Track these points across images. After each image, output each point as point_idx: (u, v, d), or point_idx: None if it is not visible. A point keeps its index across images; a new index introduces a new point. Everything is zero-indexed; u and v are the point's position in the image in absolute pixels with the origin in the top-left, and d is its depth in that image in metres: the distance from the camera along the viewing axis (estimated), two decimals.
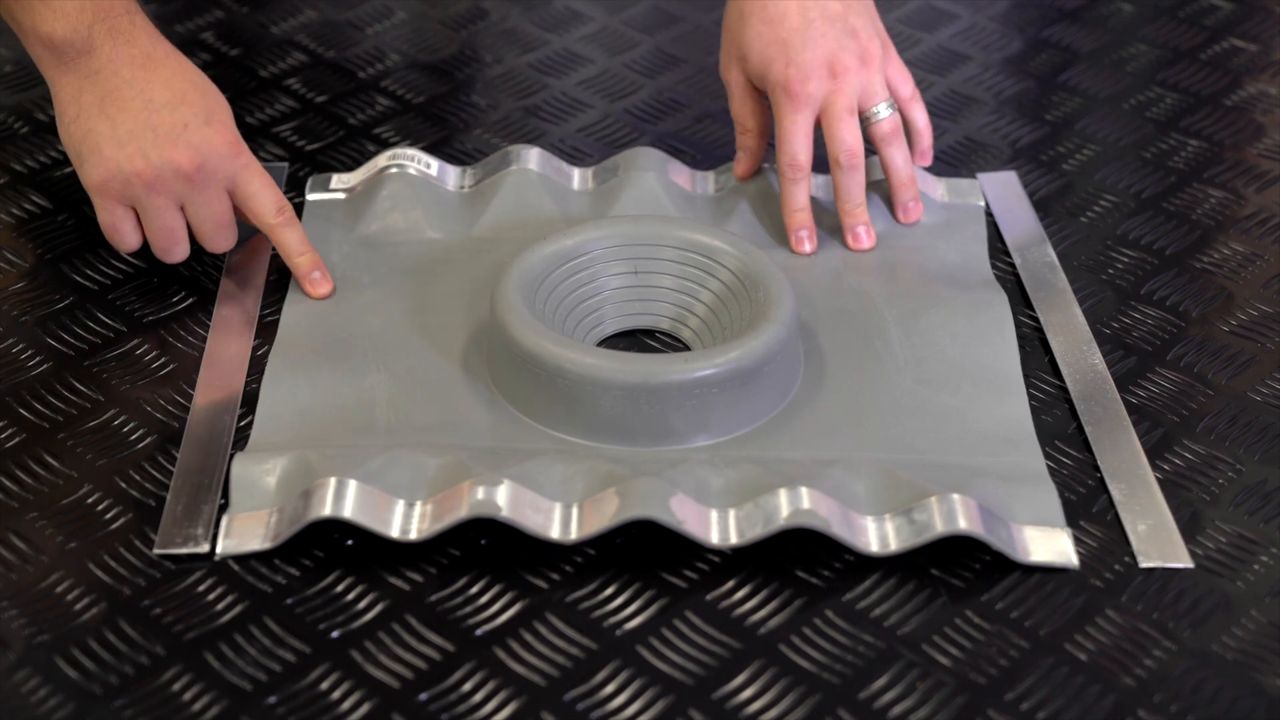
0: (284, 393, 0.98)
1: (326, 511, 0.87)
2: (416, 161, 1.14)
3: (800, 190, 1.10)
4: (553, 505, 0.90)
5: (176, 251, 1.04)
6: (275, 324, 1.04)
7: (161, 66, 1.01)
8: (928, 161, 1.16)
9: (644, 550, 0.90)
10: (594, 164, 1.18)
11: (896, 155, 1.11)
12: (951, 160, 1.22)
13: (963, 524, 0.88)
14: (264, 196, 1.04)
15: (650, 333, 1.05)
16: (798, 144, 1.09)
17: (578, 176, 1.17)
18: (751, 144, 1.14)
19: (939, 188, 1.17)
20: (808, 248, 1.11)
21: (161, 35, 1.03)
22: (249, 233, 1.09)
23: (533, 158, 1.15)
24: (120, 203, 1.01)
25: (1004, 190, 1.19)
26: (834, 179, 1.10)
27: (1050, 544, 0.90)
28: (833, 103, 1.08)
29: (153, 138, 0.99)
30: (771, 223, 1.13)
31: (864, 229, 1.10)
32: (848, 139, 1.09)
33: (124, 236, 1.03)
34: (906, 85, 1.14)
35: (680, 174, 1.16)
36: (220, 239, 1.04)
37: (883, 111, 1.10)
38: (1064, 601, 0.88)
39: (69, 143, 1.02)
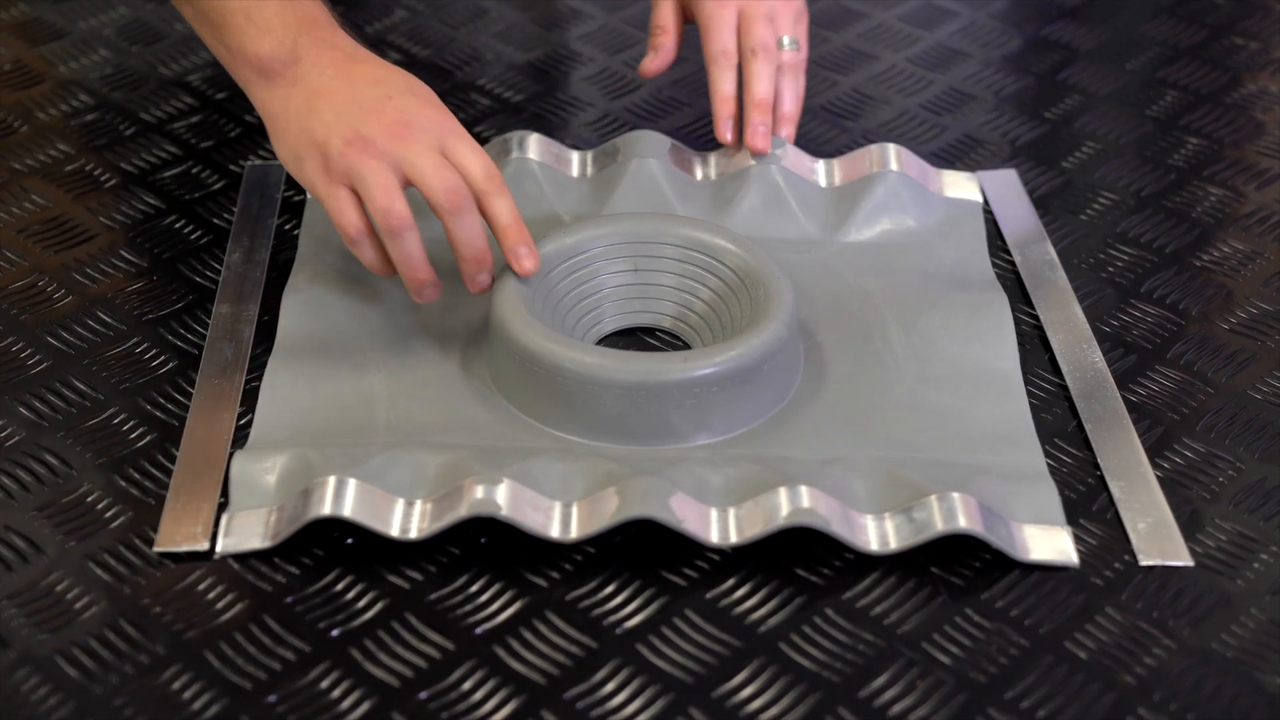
0: (283, 391, 0.98)
1: (326, 510, 0.87)
2: None
3: (732, 77, 1.14)
4: (552, 504, 0.90)
5: (397, 209, 0.95)
6: (275, 322, 1.04)
7: (364, 62, 1.00)
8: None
9: (644, 549, 0.90)
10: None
11: (787, 89, 1.15)
12: (951, 158, 1.22)
13: (963, 522, 0.88)
14: (472, 160, 0.97)
15: (650, 331, 1.05)
16: (727, 33, 1.14)
17: (576, 162, 1.16)
18: (666, 43, 1.18)
19: (939, 184, 1.17)
20: (729, 136, 1.14)
21: (359, 43, 1.02)
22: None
23: (532, 144, 1.14)
24: (341, 183, 0.96)
25: (1004, 188, 1.19)
26: (745, 70, 1.14)
27: (1050, 542, 0.90)
28: (751, 8, 1.14)
29: (359, 111, 0.97)
30: (772, 214, 1.13)
31: (765, 129, 1.13)
32: (765, 36, 1.13)
33: (348, 217, 0.97)
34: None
35: (681, 157, 1.16)
36: (470, 177, 0.97)
37: (787, 43, 1.15)
38: (1064, 600, 0.88)
39: (286, 152, 0.99)
